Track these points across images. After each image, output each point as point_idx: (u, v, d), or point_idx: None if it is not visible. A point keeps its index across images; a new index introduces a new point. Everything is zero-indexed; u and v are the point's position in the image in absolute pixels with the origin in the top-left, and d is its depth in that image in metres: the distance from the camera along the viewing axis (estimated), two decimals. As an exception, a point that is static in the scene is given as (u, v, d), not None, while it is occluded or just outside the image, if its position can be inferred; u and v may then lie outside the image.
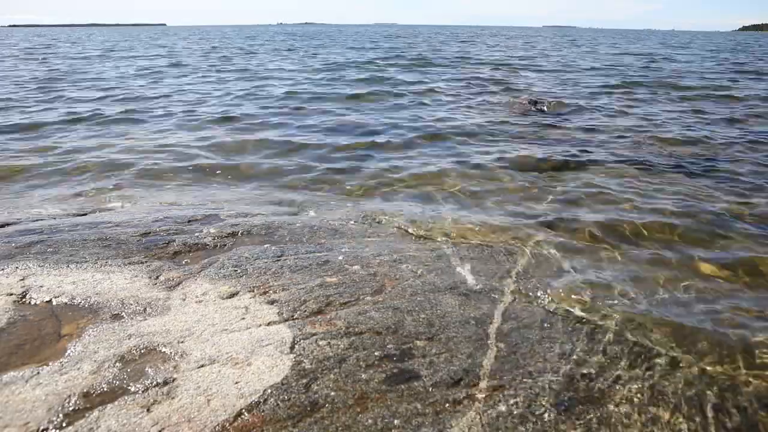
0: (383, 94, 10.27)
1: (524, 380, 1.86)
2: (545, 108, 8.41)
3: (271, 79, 12.96)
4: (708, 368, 2.04)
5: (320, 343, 1.99)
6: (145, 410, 1.60)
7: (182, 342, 1.96)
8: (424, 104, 9.18)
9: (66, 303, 2.21)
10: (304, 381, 1.77)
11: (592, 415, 1.73)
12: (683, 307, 2.55)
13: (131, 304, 2.22)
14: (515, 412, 1.71)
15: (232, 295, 2.34)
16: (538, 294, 2.53)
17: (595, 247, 3.27)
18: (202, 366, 1.82)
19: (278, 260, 2.74)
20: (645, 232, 3.51)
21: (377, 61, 17.98)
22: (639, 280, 2.80)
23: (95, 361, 1.82)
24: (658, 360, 2.06)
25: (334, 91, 10.60)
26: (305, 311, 2.22)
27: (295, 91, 10.64)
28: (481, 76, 13.55)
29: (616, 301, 2.53)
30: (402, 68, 15.78)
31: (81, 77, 13.60)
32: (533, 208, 4.02)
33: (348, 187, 4.59)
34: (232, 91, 10.81)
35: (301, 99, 9.66)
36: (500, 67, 16.04)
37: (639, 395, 1.85)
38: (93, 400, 1.64)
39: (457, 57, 20.34)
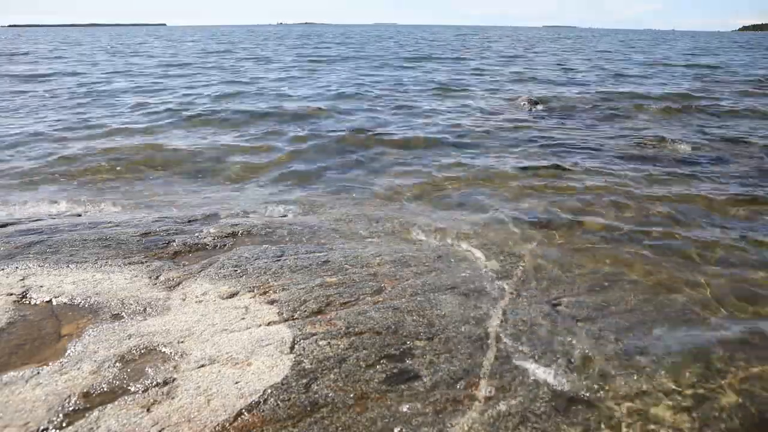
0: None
1: (524, 380, 1.86)
2: None
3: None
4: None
5: (320, 343, 1.99)
6: (145, 410, 1.60)
7: (182, 342, 1.96)
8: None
9: (66, 303, 2.21)
10: (304, 381, 1.77)
11: (592, 415, 1.73)
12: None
13: (131, 304, 2.22)
14: (515, 412, 1.71)
15: (232, 295, 2.34)
16: (538, 294, 2.53)
17: (598, 247, 3.26)
18: (202, 366, 1.82)
19: (278, 260, 2.73)
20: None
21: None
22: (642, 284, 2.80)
23: (95, 361, 1.82)
24: (661, 359, 2.06)
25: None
26: (305, 311, 2.22)
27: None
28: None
29: (616, 305, 2.53)
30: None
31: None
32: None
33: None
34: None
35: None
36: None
37: (640, 396, 1.85)
38: (93, 400, 1.64)
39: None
